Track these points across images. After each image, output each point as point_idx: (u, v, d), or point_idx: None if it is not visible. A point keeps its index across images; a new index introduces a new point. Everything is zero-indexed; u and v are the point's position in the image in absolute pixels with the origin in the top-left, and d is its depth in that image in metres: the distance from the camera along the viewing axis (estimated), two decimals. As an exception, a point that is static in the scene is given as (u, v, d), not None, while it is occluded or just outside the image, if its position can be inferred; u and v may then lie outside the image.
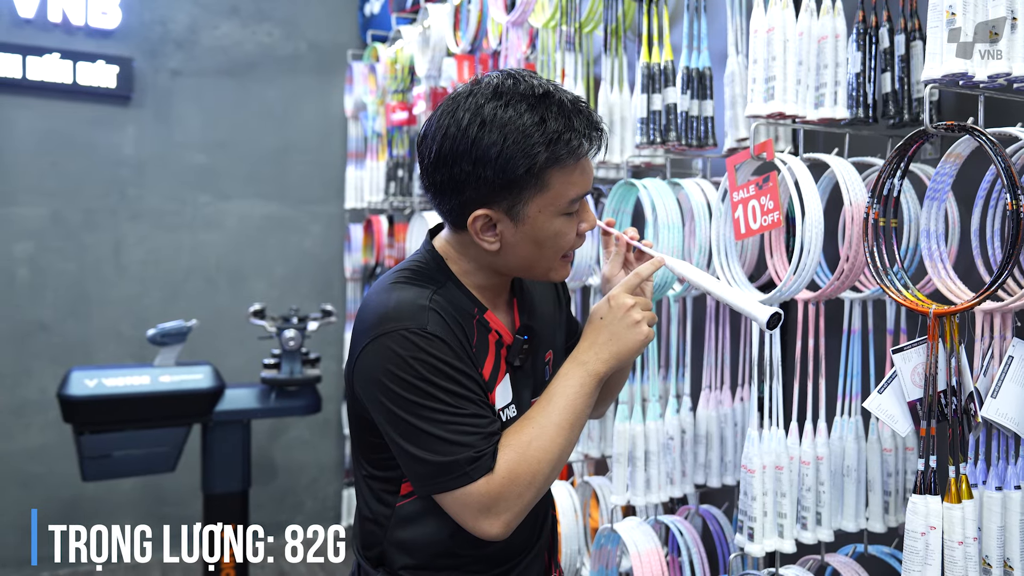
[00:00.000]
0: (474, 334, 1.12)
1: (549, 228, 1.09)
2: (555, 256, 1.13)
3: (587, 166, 1.11)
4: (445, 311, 1.09)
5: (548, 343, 1.29)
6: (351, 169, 4.06)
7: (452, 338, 1.06)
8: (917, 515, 1.24)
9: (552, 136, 1.04)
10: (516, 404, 1.17)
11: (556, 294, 1.36)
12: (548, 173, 1.05)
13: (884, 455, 1.60)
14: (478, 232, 1.10)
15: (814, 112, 1.56)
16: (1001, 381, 1.24)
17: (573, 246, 1.14)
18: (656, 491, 1.89)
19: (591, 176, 1.13)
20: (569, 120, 1.06)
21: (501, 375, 1.15)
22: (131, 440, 2.76)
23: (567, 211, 1.09)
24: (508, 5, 2.45)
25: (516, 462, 1.04)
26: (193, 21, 3.97)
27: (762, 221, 1.52)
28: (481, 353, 1.12)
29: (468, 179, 1.05)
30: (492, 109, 1.04)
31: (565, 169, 1.07)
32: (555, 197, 1.07)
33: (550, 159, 1.04)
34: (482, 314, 1.14)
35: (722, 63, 1.83)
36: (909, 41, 1.50)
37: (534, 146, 1.03)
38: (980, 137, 1.18)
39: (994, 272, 1.19)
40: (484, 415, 1.07)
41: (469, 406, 1.05)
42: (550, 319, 1.31)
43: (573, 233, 1.13)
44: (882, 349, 1.62)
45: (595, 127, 1.10)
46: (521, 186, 1.05)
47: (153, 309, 3.83)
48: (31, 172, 3.69)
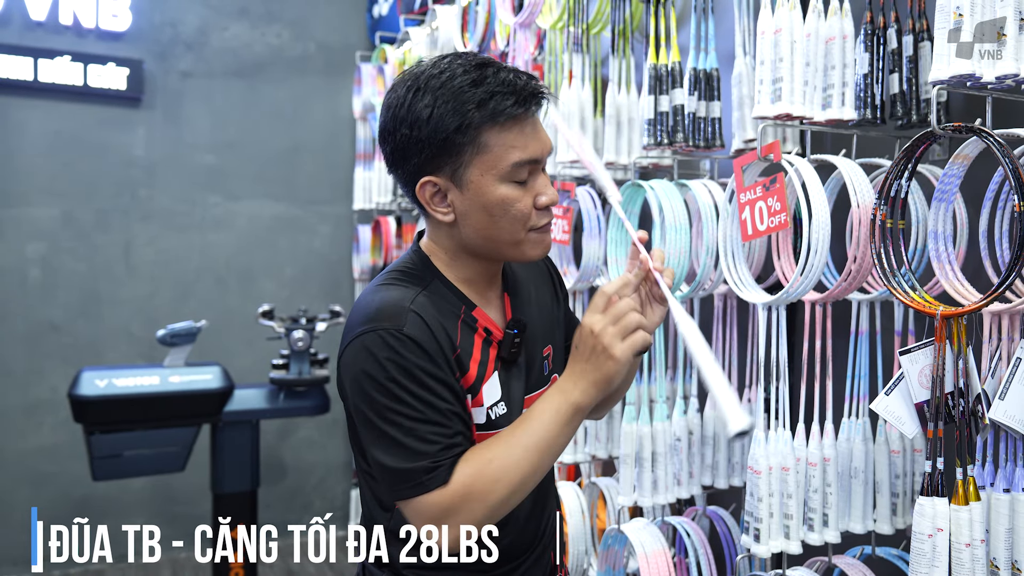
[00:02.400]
0: (458, 335, 1.11)
1: (494, 194, 1.07)
2: (515, 228, 1.09)
3: (531, 130, 1.08)
4: (428, 313, 1.08)
5: (546, 338, 1.26)
6: (359, 170, 4.07)
7: (430, 342, 1.06)
8: (924, 517, 1.24)
9: (484, 96, 1.04)
10: (506, 400, 1.15)
11: (553, 289, 1.33)
12: (484, 134, 1.05)
13: (892, 457, 1.60)
14: (430, 202, 1.10)
15: (821, 113, 1.56)
16: (1009, 383, 1.23)
17: (534, 220, 1.10)
18: (663, 492, 1.89)
19: (540, 143, 1.09)
20: (504, 83, 1.05)
21: (489, 373, 1.14)
22: (141, 440, 2.78)
23: (512, 177, 1.07)
24: (516, 6, 2.45)
25: (472, 478, 1.02)
26: (203, 23, 3.99)
27: (769, 222, 1.52)
28: (466, 354, 1.12)
29: (409, 144, 1.07)
30: (427, 77, 1.07)
31: (503, 130, 1.05)
32: (495, 160, 1.06)
33: (484, 117, 1.04)
34: (469, 312, 1.14)
35: (729, 64, 1.83)
36: (917, 42, 1.50)
37: (465, 103, 1.04)
38: (988, 138, 1.18)
39: (1002, 273, 1.19)
40: (447, 425, 1.05)
41: (433, 415, 1.04)
42: (548, 314, 1.29)
43: (527, 203, 1.09)
44: (889, 351, 1.62)
45: (533, 91, 1.07)
46: (458, 148, 1.05)
47: (163, 309, 3.86)
48: (43, 173, 3.72)
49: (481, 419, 1.13)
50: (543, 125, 1.13)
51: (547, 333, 1.28)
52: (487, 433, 1.13)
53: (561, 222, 2.16)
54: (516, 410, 1.17)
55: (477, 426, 1.14)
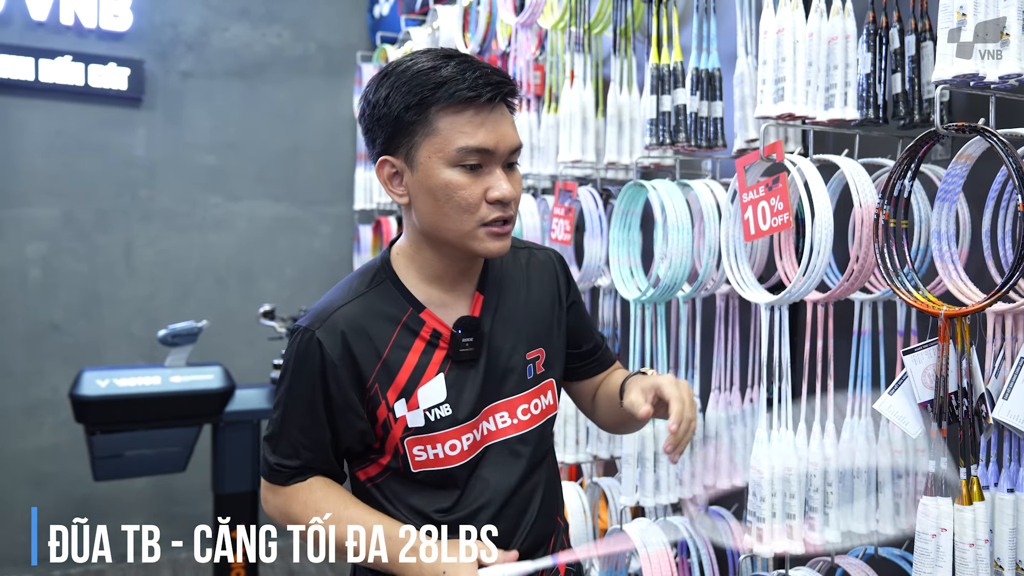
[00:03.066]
0: (391, 339, 1.13)
1: (439, 177, 1.08)
2: (462, 218, 1.09)
3: (485, 120, 1.08)
4: (353, 318, 1.13)
5: (534, 341, 1.24)
6: (360, 170, 4.07)
7: (340, 351, 1.11)
8: (928, 517, 1.24)
9: (439, 80, 1.06)
10: (453, 403, 1.15)
11: (556, 289, 1.31)
12: (436, 117, 1.07)
13: (895, 456, 1.60)
14: (388, 183, 1.13)
15: (824, 113, 1.55)
16: (1013, 383, 1.23)
17: (483, 212, 1.09)
18: (665, 492, 1.89)
19: (496, 135, 1.09)
20: (465, 72, 1.07)
21: (429, 375, 1.14)
22: (142, 440, 2.78)
23: (459, 162, 1.07)
24: (517, 6, 2.45)
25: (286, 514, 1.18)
26: (203, 23, 3.99)
27: (772, 222, 1.52)
28: (397, 357, 1.14)
29: (372, 125, 1.11)
30: (395, 65, 1.11)
31: (456, 115, 1.07)
32: (443, 142, 1.07)
33: (437, 100, 1.06)
34: (416, 314, 1.15)
35: (731, 64, 1.83)
36: (919, 42, 1.50)
37: (421, 86, 1.06)
38: (991, 138, 1.18)
39: (1005, 273, 1.18)
40: (304, 439, 1.15)
41: (303, 420, 1.14)
42: (542, 316, 1.27)
43: (473, 192, 1.08)
44: (892, 350, 1.61)
45: (490, 81, 1.08)
46: (411, 128, 1.08)
47: (164, 309, 3.86)
48: (43, 173, 3.72)
49: (419, 422, 1.14)
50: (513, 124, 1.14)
51: (537, 336, 1.25)
52: (425, 436, 1.14)
53: (563, 222, 2.16)
54: (465, 413, 1.16)
55: (415, 429, 1.14)
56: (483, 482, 1.19)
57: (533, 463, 1.25)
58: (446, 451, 1.16)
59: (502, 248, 1.13)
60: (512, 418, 1.21)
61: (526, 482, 1.23)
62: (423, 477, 1.17)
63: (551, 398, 1.27)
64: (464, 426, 1.16)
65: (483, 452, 1.20)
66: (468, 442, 1.17)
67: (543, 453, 1.28)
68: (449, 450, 1.16)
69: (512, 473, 1.21)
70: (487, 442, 1.20)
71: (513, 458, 1.22)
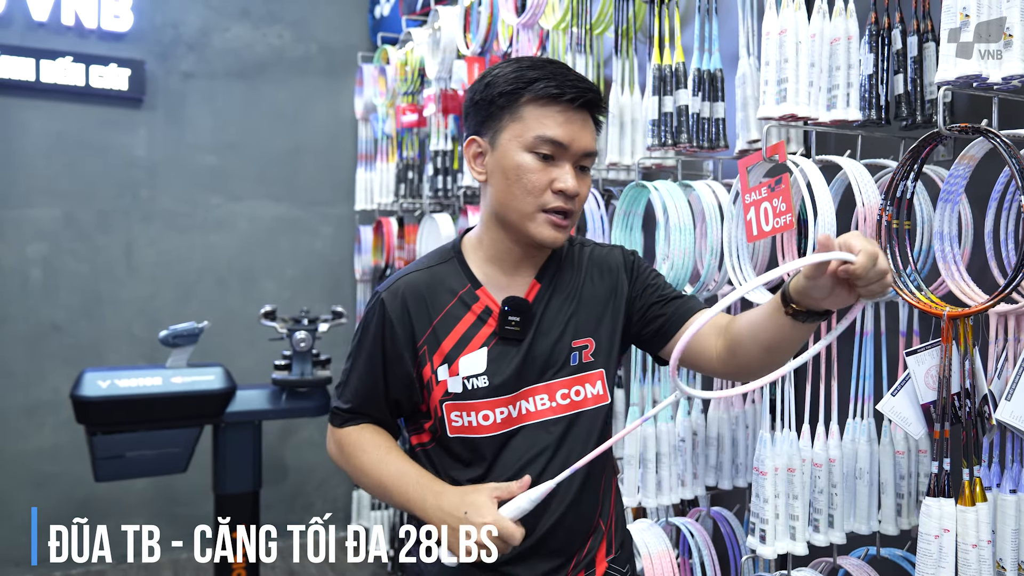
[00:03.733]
0: (445, 308, 1.24)
1: (513, 159, 1.18)
2: (526, 200, 1.18)
3: (568, 119, 1.18)
4: (414, 286, 1.25)
5: (584, 330, 1.27)
6: (361, 171, 4.07)
7: (399, 310, 1.23)
8: (931, 518, 1.24)
9: (535, 77, 1.18)
10: (490, 376, 1.21)
11: (615, 284, 1.31)
12: (524, 106, 1.18)
13: (897, 458, 1.60)
14: (472, 161, 1.25)
15: (826, 114, 1.55)
16: (1016, 384, 1.23)
17: (546, 198, 1.18)
18: (667, 493, 1.89)
19: (573, 133, 1.18)
20: (557, 75, 1.18)
21: (473, 347, 1.22)
22: (143, 441, 2.77)
23: (534, 148, 1.17)
24: (519, 7, 2.45)
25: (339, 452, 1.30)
26: (204, 24, 3.99)
27: (774, 223, 1.52)
28: (446, 325, 1.23)
29: (470, 107, 1.25)
30: (502, 62, 1.24)
31: (541, 108, 1.18)
32: (524, 129, 1.18)
33: (528, 91, 1.17)
34: (473, 291, 1.25)
35: (733, 65, 1.83)
36: (922, 43, 1.50)
37: (516, 79, 1.18)
38: (994, 139, 1.18)
39: (1008, 274, 1.18)
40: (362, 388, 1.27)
41: (363, 371, 1.26)
42: (596, 308, 1.29)
43: (541, 178, 1.18)
44: (895, 351, 1.61)
45: (580, 87, 1.18)
46: (501, 114, 1.19)
47: (165, 310, 3.85)
48: (44, 174, 3.72)
49: (457, 388, 1.22)
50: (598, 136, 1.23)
51: (586, 326, 1.28)
52: (462, 403, 1.22)
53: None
54: (502, 387, 1.22)
55: (454, 395, 1.22)
56: (515, 456, 1.23)
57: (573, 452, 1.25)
58: (479, 420, 1.22)
59: (556, 238, 1.21)
60: (551, 401, 1.25)
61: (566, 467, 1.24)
62: (458, 445, 1.24)
63: (600, 388, 1.28)
64: (499, 399, 1.22)
65: (518, 430, 1.24)
66: (502, 416, 1.23)
67: (584, 444, 1.26)
68: (482, 420, 1.22)
69: (542, 456, 1.23)
70: (523, 421, 1.24)
71: (547, 438, 1.24)
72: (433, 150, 3.01)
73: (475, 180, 1.26)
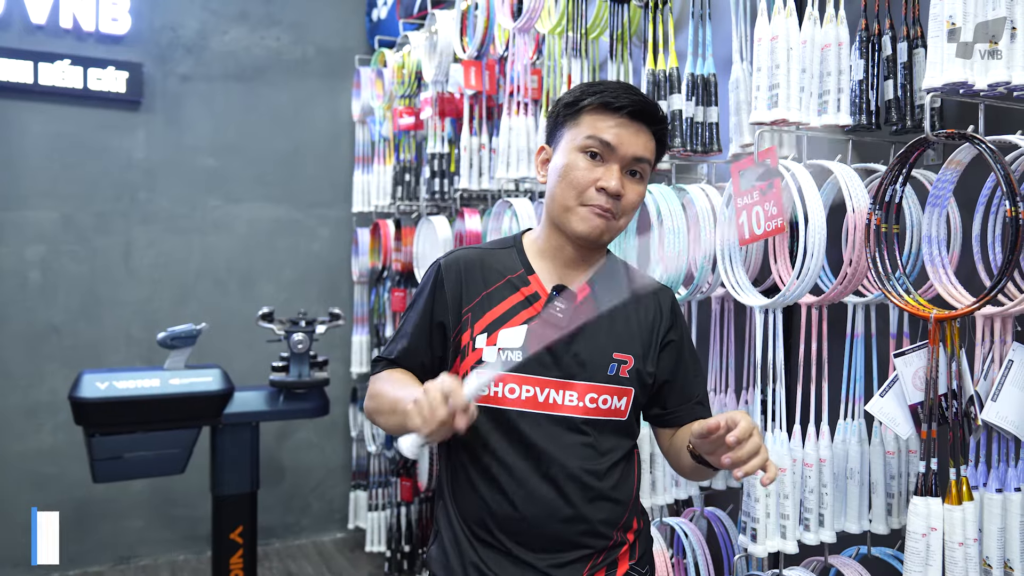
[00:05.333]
0: (496, 283, 1.32)
1: (566, 157, 1.28)
2: (569, 193, 1.26)
3: (622, 127, 1.25)
4: (471, 259, 1.34)
5: (623, 346, 1.31)
6: (358, 173, 4.08)
7: (452, 273, 1.32)
8: (918, 517, 1.26)
9: (597, 91, 1.28)
10: (524, 351, 1.25)
11: (656, 321, 1.35)
12: (583, 114, 1.27)
13: (887, 457, 1.62)
14: (540, 165, 1.36)
15: (817, 119, 1.58)
16: (1001, 385, 1.26)
17: (588, 194, 1.25)
18: (661, 493, 1.91)
19: (622, 137, 1.25)
20: (616, 89, 1.27)
21: (514, 323, 1.28)
22: (142, 442, 2.79)
23: (584, 147, 1.26)
24: (515, 11, 2.47)
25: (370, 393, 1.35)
26: (202, 26, 4.00)
27: (766, 226, 1.54)
28: (492, 300, 1.30)
29: (547, 121, 1.36)
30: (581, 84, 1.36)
31: (598, 115, 1.26)
32: (579, 132, 1.27)
33: (588, 102, 1.27)
34: (525, 275, 1.33)
35: (727, 69, 1.85)
36: (911, 49, 1.52)
37: (582, 93, 1.29)
38: (980, 145, 1.20)
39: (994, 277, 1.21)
40: (408, 341, 1.34)
41: (413, 324, 1.34)
42: (636, 328, 1.32)
43: (586, 176, 1.25)
44: (884, 353, 1.64)
45: (637, 101, 1.26)
46: (564, 122, 1.30)
47: (163, 312, 3.87)
48: (43, 176, 3.73)
49: (492, 357, 1.27)
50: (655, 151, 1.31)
51: (629, 344, 1.31)
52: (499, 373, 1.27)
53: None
54: (536, 366, 1.26)
55: (488, 365, 1.27)
56: (534, 436, 1.25)
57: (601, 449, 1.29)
58: (505, 392, 1.26)
59: (593, 228, 1.26)
60: (580, 400, 1.28)
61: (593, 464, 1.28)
62: (483, 414, 1.24)
63: (624, 405, 1.31)
64: (528, 377, 1.26)
65: (541, 417, 1.26)
66: (528, 394, 1.27)
67: (606, 453, 1.29)
68: (508, 392, 1.26)
69: (562, 447, 1.26)
70: (547, 409, 1.27)
71: (569, 435, 1.27)
72: (430, 153, 3.03)
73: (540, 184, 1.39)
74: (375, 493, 3.77)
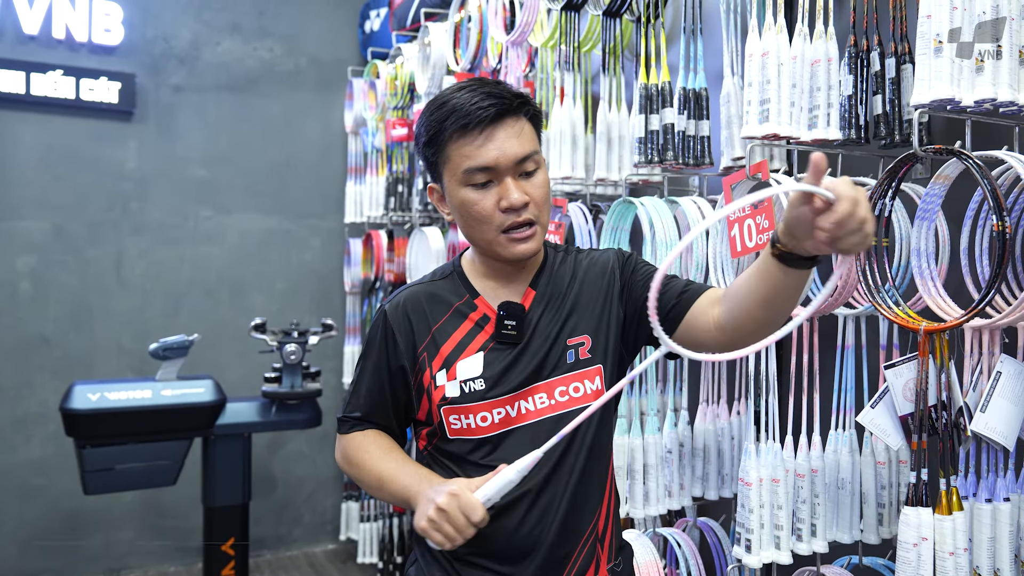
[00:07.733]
0: (443, 316, 1.30)
1: (457, 196, 1.24)
2: (483, 228, 1.23)
3: (489, 138, 1.20)
4: (414, 298, 1.32)
5: (575, 328, 1.30)
6: (351, 184, 4.09)
7: (401, 320, 1.30)
8: (909, 526, 1.28)
9: (448, 112, 1.21)
10: (486, 379, 1.25)
11: (608, 285, 1.32)
12: (448, 146, 1.22)
13: (878, 468, 1.63)
14: (437, 204, 1.32)
15: (808, 133, 1.60)
16: (990, 396, 1.27)
17: (499, 220, 1.21)
18: (655, 504, 1.92)
19: (496, 152, 1.19)
20: (462, 105, 1.20)
21: (470, 351, 1.27)
22: (133, 453, 2.78)
23: (469, 181, 1.21)
24: (508, 24, 2.49)
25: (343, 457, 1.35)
26: (195, 37, 4.01)
27: (757, 239, 1.56)
28: (444, 332, 1.29)
29: (419, 157, 1.33)
30: (427, 103, 1.28)
31: (461, 140, 1.21)
32: (454, 167, 1.23)
33: (445, 130, 1.21)
34: (471, 300, 1.31)
35: (718, 83, 1.87)
36: (899, 65, 1.54)
37: (436, 121, 1.23)
38: (967, 160, 1.22)
39: (982, 290, 1.22)
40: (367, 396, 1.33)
41: (369, 379, 1.32)
42: (588, 307, 1.31)
43: (486, 205, 1.21)
44: (875, 364, 1.65)
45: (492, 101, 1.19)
46: (435, 160, 1.26)
47: (154, 322, 3.86)
48: (34, 186, 3.73)
49: (455, 392, 1.26)
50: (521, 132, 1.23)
51: (581, 325, 1.30)
52: (459, 407, 1.26)
53: (553, 237, 2.19)
54: (499, 389, 1.25)
55: (451, 399, 1.26)
56: (513, 454, 1.21)
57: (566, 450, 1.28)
58: (477, 422, 1.26)
59: (526, 250, 1.24)
60: (550, 399, 1.27)
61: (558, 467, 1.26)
62: (459, 447, 1.27)
63: (599, 384, 1.29)
64: (496, 401, 1.25)
65: (516, 429, 1.26)
66: (499, 416, 1.26)
67: (581, 442, 1.28)
68: (480, 421, 1.26)
69: None
70: (522, 420, 1.26)
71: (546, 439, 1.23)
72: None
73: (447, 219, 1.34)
74: (367, 504, 3.76)
